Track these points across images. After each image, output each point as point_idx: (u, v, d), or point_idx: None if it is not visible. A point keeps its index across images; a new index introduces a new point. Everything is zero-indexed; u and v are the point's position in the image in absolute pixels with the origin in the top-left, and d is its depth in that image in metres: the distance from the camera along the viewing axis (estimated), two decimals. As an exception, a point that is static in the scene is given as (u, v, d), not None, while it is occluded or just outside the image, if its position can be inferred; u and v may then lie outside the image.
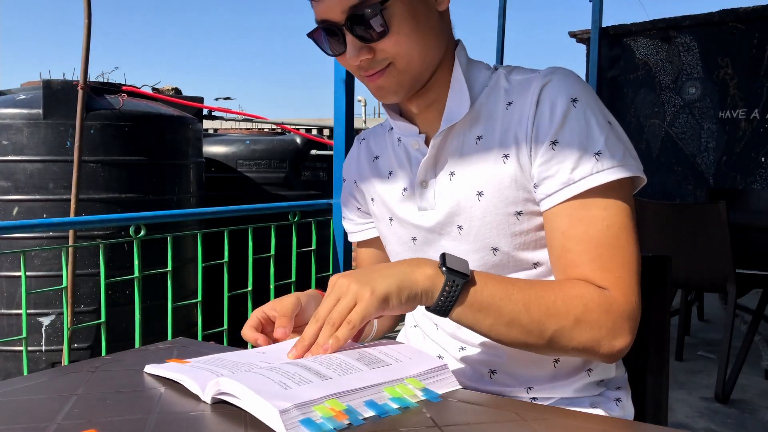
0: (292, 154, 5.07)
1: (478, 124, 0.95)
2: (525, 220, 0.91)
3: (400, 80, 0.91)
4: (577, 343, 0.82)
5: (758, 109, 4.76)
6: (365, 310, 0.76)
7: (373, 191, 1.09)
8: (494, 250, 0.93)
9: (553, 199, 0.87)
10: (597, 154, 0.84)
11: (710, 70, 4.99)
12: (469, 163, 0.94)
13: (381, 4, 0.85)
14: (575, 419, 0.66)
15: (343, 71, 2.36)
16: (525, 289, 0.82)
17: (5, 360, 3.50)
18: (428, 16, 0.90)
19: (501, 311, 0.81)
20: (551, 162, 0.87)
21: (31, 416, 0.65)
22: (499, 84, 0.95)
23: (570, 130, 0.86)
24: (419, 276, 0.80)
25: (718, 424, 2.59)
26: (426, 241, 1.00)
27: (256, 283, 2.64)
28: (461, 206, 0.94)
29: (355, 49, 0.88)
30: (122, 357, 0.85)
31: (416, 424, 0.63)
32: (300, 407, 0.60)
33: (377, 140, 1.11)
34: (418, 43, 0.89)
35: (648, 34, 5.28)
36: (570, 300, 0.82)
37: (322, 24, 0.89)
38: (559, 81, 0.89)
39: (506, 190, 0.91)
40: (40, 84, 3.48)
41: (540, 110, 0.88)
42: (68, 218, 3.10)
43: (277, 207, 2.78)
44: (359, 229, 1.19)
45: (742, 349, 2.87)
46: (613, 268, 0.84)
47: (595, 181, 0.84)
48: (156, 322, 3.21)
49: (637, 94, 5.38)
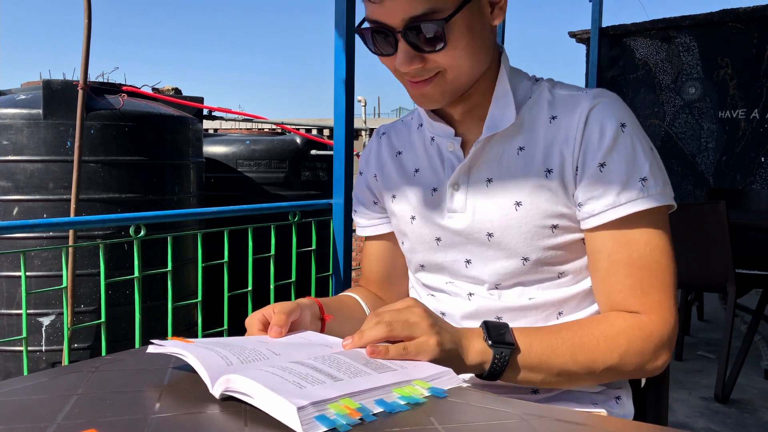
0: (292, 154, 5.07)
1: (519, 134, 0.96)
2: (559, 234, 0.94)
3: (444, 90, 0.92)
4: (626, 373, 0.89)
5: (758, 109, 4.76)
6: (421, 350, 0.78)
7: (395, 188, 1.08)
8: (524, 260, 0.95)
9: (597, 219, 0.90)
10: (642, 180, 0.88)
11: (710, 70, 4.99)
12: (509, 173, 0.95)
13: (444, 20, 0.84)
14: (575, 419, 0.66)
15: (344, 71, 2.36)
16: (568, 338, 0.87)
17: (5, 360, 3.50)
18: (483, 30, 0.91)
19: (550, 367, 0.85)
20: (598, 183, 0.90)
21: (31, 416, 0.65)
22: (543, 96, 0.97)
23: (618, 154, 0.89)
24: (471, 352, 0.83)
25: (717, 424, 2.59)
26: (451, 243, 1.01)
27: (256, 283, 2.64)
28: (496, 214, 0.95)
29: (407, 58, 0.88)
30: (122, 357, 0.85)
31: (416, 424, 0.63)
32: (316, 405, 0.61)
33: (399, 136, 1.11)
34: (471, 57, 0.90)
35: (648, 34, 5.28)
36: (612, 339, 0.87)
37: (375, 25, 0.88)
38: (609, 105, 0.91)
39: (545, 203, 0.93)
40: (41, 84, 3.48)
41: (588, 131, 0.91)
42: (68, 218, 3.10)
43: (277, 207, 2.78)
44: (372, 224, 1.17)
45: (742, 349, 2.87)
46: (653, 292, 0.89)
47: (640, 205, 0.88)
48: (156, 322, 3.21)
49: (637, 94, 5.38)
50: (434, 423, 0.63)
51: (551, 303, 0.96)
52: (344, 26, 2.33)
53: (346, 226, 2.51)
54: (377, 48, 0.91)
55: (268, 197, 4.94)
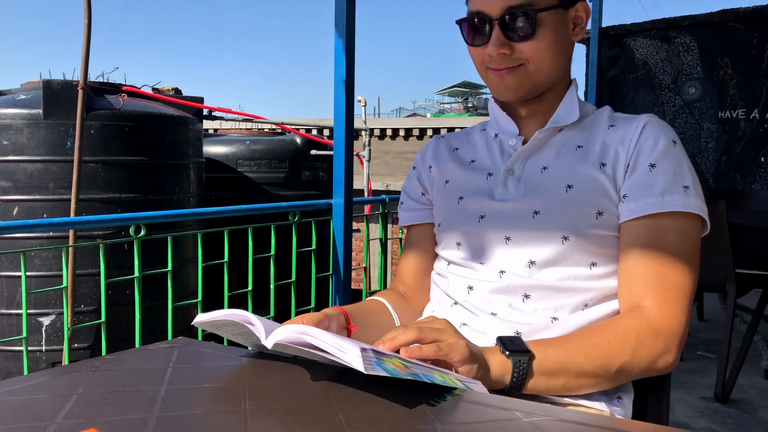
0: (292, 154, 5.07)
1: (580, 135, 1.06)
2: (603, 222, 0.99)
3: (524, 81, 1.02)
4: (639, 369, 0.92)
5: (758, 109, 4.75)
6: (452, 349, 0.81)
7: (449, 174, 1.16)
8: (564, 238, 0.98)
9: (638, 210, 0.96)
10: (685, 187, 0.97)
11: (710, 70, 4.99)
12: (564, 163, 1.04)
13: (537, 12, 0.98)
14: (577, 418, 0.66)
15: (344, 71, 2.36)
16: (579, 341, 0.91)
17: (6, 360, 3.50)
18: (565, 39, 1.04)
19: (568, 369, 0.89)
20: (645, 180, 0.97)
21: (31, 416, 0.65)
22: (604, 113, 1.09)
23: (668, 161, 0.98)
24: (492, 364, 0.86)
25: (717, 424, 2.59)
26: (495, 220, 1.04)
27: (256, 283, 2.64)
28: (545, 194, 1.01)
29: (498, 43, 0.99)
30: (122, 357, 0.85)
31: (416, 424, 0.63)
32: (375, 353, 0.71)
33: (457, 138, 1.22)
34: (552, 55, 1.01)
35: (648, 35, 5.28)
36: (621, 336, 0.91)
37: (475, 15, 1.01)
38: (664, 124, 1.03)
39: (594, 192, 0.99)
40: (41, 84, 3.48)
41: (644, 136, 1.00)
42: (68, 218, 3.10)
43: (277, 207, 2.78)
44: (415, 212, 1.22)
45: (742, 349, 2.87)
46: (672, 290, 0.94)
47: (680, 206, 0.95)
48: (156, 322, 3.21)
49: (636, 95, 5.38)
50: (435, 422, 0.63)
51: (580, 289, 0.99)
52: (344, 26, 2.33)
53: (346, 226, 2.50)
54: (473, 39, 1.03)
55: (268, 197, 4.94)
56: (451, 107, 34.10)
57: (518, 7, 0.97)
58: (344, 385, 0.73)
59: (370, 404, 0.68)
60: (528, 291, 0.99)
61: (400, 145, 10.46)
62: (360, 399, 0.69)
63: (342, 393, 0.71)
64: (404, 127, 10.45)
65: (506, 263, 1.02)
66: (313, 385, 0.74)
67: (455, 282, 1.07)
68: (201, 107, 4.44)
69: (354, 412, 0.66)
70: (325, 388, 0.72)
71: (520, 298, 0.99)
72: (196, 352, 0.88)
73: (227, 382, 0.75)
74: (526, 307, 0.99)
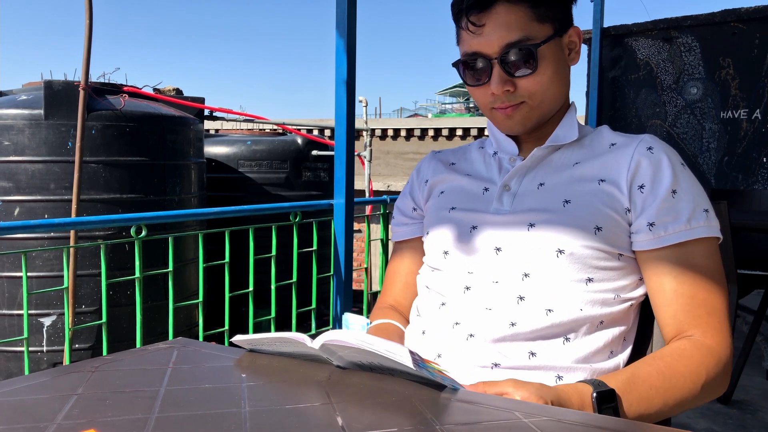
0: (293, 155, 5.07)
1: (579, 153, 1.06)
2: (601, 238, 0.97)
3: (530, 115, 1.03)
4: (706, 399, 0.96)
5: (760, 110, 4.75)
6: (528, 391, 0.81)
7: (445, 185, 1.15)
8: (559, 251, 0.97)
9: (667, 239, 0.97)
10: (706, 211, 0.99)
11: (712, 70, 4.98)
12: (562, 180, 1.03)
13: (536, 46, 0.97)
14: (576, 419, 0.66)
15: (344, 72, 2.36)
16: (659, 384, 0.92)
17: (6, 360, 3.50)
18: (564, 66, 1.05)
19: (649, 416, 0.91)
20: (671, 208, 0.97)
21: (32, 416, 0.65)
22: (603, 133, 1.09)
23: (686, 183, 0.99)
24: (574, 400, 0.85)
25: (719, 425, 2.59)
26: (486, 231, 1.04)
27: (257, 284, 2.64)
28: (541, 209, 1.00)
29: (500, 81, 0.99)
30: (123, 357, 0.85)
31: (416, 424, 0.63)
32: (420, 357, 0.74)
33: (454, 153, 1.21)
34: (554, 86, 1.02)
35: (649, 35, 5.27)
36: (695, 374, 0.93)
37: (472, 56, 1.01)
38: (666, 145, 1.03)
39: (593, 207, 0.98)
40: (42, 84, 3.48)
41: (649, 160, 0.99)
42: (69, 219, 3.10)
43: (278, 207, 2.78)
44: (405, 227, 1.22)
45: (744, 350, 2.87)
46: (715, 314, 0.96)
47: (706, 232, 0.97)
48: (157, 323, 3.21)
49: (638, 95, 5.38)
50: (435, 423, 0.63)
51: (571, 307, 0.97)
52: (345, 27, 2.33)
53: (347, 227, 2.50)
54: (472, 79, 1.03)
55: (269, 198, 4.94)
56: (453, 107, 34.10)
57: (516, 43, 0.97)
58: (344, 385, 0.73)
59: (369, 404, 0.68)
60: (522, 294, 0.98)
61: (401, 145, 10.47)
62: (360, 399, 0.69)
63: (342, 393, 0.71)
64: (405, 128, 10.45)
65: (498, 274, 1.01)
66: (313, 385, 0.74)
67: (439, 290, 1.06)
68: (202, 108, 4.44)
69: (354, 412, 0.66)
70: (325, 388, 0.72)
71: (515, 300, 0.98)
72: (196, 352, 0.88)
73: (227, 382, 0.75)
74: (521, 308, 0.98)
